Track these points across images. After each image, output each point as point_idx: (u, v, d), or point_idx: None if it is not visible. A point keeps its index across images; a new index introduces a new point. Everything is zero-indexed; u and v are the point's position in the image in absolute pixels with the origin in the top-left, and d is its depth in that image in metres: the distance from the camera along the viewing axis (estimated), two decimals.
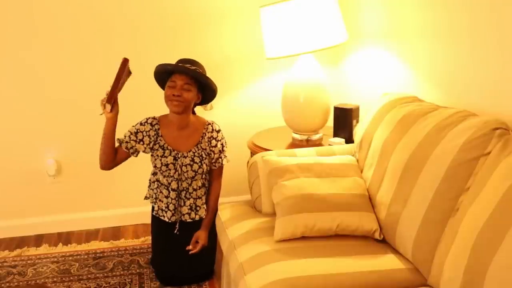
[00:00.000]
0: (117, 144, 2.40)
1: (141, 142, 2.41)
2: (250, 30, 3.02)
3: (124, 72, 2.22)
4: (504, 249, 1.29)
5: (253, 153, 2.63)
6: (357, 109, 2.59)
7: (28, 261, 2.73)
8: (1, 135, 2.93)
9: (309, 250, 1.80)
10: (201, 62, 2.44)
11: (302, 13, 2.43)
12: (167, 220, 2.45)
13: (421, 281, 1.66)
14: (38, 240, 2.98)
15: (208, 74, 2.42)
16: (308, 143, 2.67)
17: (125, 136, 2.41)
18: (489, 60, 1.86)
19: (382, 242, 1.88)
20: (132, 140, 2.40)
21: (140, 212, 2.93)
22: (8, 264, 2.70)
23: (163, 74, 2.40)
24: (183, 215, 2.46)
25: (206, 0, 2.98)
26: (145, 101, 2.79)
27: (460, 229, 1.49)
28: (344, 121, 2.56)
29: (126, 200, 3.10)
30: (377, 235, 1.87)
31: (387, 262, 1.74)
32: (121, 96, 2.34)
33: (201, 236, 2.41)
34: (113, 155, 2.39)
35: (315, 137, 2.71)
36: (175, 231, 2.45)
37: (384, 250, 1.82)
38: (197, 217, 2.47)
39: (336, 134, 2.59)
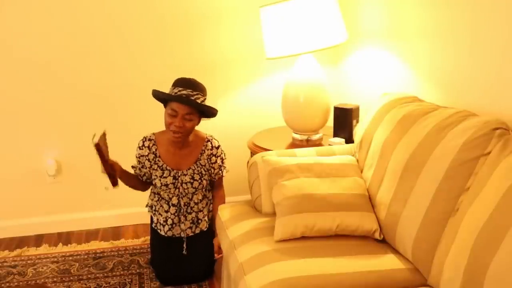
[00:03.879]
0: (133, 171, 2.48)
1: (144, 167, 2.44)
2: (250, 30, 3.01)
3: (103, 152, 2.18)
4: (504, 249, 1.29)
5: (253, 153, 2.63)
6: (357, 109, 2.59)
7: (28, 261, 2.73)
8: (1, 135, 2.92)
9: (309, 250, 1.79)
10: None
11: (302, 13, 2.43)
12: (163, 234, 2.45)
13: (421, 281, 1.66)
14: (38, 240, 2.98)
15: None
16: (308, 143, 2.67)
17: (137, 164, 2.46)
18: (490, 60, 1.85)
19: (382, 242, 1.87)
20: (140, 167, 2.46)
21: (140, 212, 2.91)
22: (8, 264, 2.70)
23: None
24: (184, 230, 2.45)
25: (205, 1, 2.98)
26: (144, 101, 2.78)
27: (460, 229, 1.49)
28: (344, 121, 2.56)
29: (126, 200, 3.10)
30: (377, 235, 1.87)
31: (387, 262, 1.74)
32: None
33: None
34: (140, 185, 2.49)
35: (315, 137, 2.71)
36: (183, 251, 2.45)
37: (384, 250, 1.82)
38: (197, 230, 2.48)
39: (336, 134, 2.59)
